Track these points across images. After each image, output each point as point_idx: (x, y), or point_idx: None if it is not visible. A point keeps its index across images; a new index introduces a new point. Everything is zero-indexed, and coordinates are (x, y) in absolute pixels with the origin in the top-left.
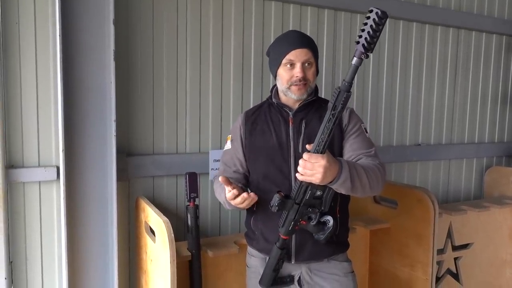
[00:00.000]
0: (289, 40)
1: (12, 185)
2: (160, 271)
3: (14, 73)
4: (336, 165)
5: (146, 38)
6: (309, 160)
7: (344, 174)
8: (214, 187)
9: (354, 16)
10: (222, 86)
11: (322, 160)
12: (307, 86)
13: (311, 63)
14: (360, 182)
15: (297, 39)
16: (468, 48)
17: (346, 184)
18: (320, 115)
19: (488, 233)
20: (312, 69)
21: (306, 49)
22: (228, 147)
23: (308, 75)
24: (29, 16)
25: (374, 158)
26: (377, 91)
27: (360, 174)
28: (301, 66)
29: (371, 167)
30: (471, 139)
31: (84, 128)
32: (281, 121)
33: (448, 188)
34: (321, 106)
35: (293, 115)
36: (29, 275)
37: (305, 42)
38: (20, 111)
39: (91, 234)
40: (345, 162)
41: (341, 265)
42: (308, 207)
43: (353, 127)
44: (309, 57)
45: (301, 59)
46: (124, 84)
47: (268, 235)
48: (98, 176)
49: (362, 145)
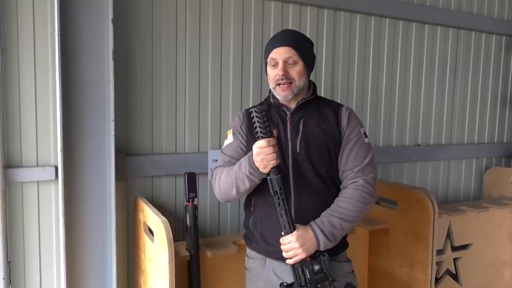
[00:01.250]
0: (273, 39)
1: (10, 184)
2: (158, 271)
3: (13, 72)
4: (309, 233)
5: (145, 37)
6: (284, 243)
7: (322, 239)
8: (217, 180)
9: (354, 16)
10: (221, 86)
11: (293, 237)
12: (293, 86)
13: (294, 61)
14: (343, 230)
15: (279, 37)
16: (467, 49)
17: (330, 243)
18: (319, 114)
19: (488, 233)
20: (297, 68)
21: (288, 47)
22: (230, 141)
23: (291, 74)
24: (27, 15)
25: (364, 172)
26: (376, 91)
27: (338, 226)
28: (283, 65)
29: (353, 203)
30: (471, 139)
31: (82, 127)
32: (279, 121)
33: (447, 188)
34: (319, 104)
35: (291, 114)
36: (27, 275)
37: (288, 40)
38: (19, 111)
39: (89, 234)
40: (317, 227)
41: (341, 265)
42: (317, 284)
43: (351, 133)
44: (291, 55)
45: (282, 57)
46: (122, 83)
47: (267, 236)
48: (96, 176)
49: (357, 156)
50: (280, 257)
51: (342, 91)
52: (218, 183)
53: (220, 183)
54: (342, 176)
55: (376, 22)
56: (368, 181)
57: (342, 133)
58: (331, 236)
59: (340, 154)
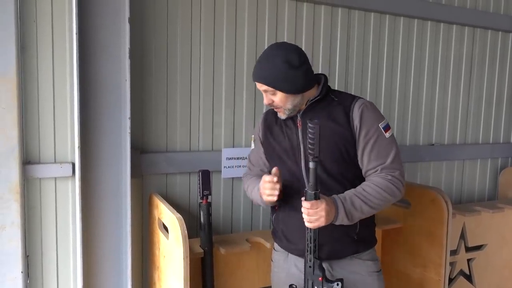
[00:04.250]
0: (253, 69)
1: (28, 181)
2: (173, 267)
3: (31, 70)
4: (333, 205)
5: (161, 36)
6: (309, 207)
7: (341, 214)
8: (245, 186)
9: (368, 15)
10: (235, 84)
11: (322, 204)
12: (282, 109)
13: (273, 92)
14: (362, 213)
15: (255, 70)
16: (483, 47)
17: (347, 221)
18: (329, 113)
19: (502, 234)
20: (278, 96)
21: (261, 83)
22: (252, 147)
23: (275, 102)
24: (46, 14)
25: (389, 170)
26: (390, 90)
27: (358, 207)
28: (266, 95)
29: (378, 190)
30: (486, 139)
31: (99, 125)
32: (292, 124)
33: (461, 188)
34: (330, 102)
35: (301, 116)
36: (44, 269)
37: (257, 77)
38: (37, 108)
39: (105, 230)
40: (340, 202)
41: (365, 263)
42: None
43: (368, 132)
44: (265, 89)
45: (262, 90)
46: (138, 82)
47: (289, 235)
48: (112, 173)
49: (379, 155)
50: (301, 254)
51: (356, 89)
52: (247, 192)
53: (248, 194)
54: (365, 175)
55: (390, 21)
56: (396, 177)
57: (354, 132)
58: (349, 214)
59: (360, 155)
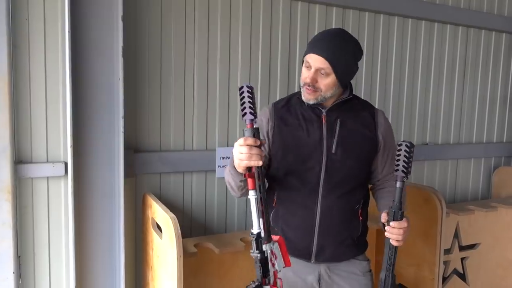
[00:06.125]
0: (313, 41)
1: (20, 180)
2: (166, 267)
3: (23, 69)
4: None
5: (154, 35)
6: (400, 227)
7: None
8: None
9: (363, 14)
10: (229, 83)
11: (409, 222)
12: (318, 93)
13: (326, 73)
14: None
15: (318, 42)
16: (477, 47)
17: None
18: (356, 116)
19: (496, 233)
20: (328, 80)
21: (323, 58)
22: None
23: (319, 83)
24: (38, 12)
25: None
26: (384, 90)
27: None
28: (313, 73)
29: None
30: (479, 138)
31: (92, 124)
32: (314, 118)
33: (455, 187)
34: (356, 105)
35: (326, 113)
36: (36, 269)
37: (323, 51)
38: (29, 107)
39: (98, 230)
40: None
41: (361, 264)
42: None
43: (390, 147)
44: (324, 67)
45: (315, 65)
46: (132, 80)
47: (289, 234)
48: (105, 172)
49: (392, 163)
50: (300, 255)
51: None
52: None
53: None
54: (375, 178)
55: (384, 20)
56: None
57: (378, 139)
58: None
59: (378, 161)
